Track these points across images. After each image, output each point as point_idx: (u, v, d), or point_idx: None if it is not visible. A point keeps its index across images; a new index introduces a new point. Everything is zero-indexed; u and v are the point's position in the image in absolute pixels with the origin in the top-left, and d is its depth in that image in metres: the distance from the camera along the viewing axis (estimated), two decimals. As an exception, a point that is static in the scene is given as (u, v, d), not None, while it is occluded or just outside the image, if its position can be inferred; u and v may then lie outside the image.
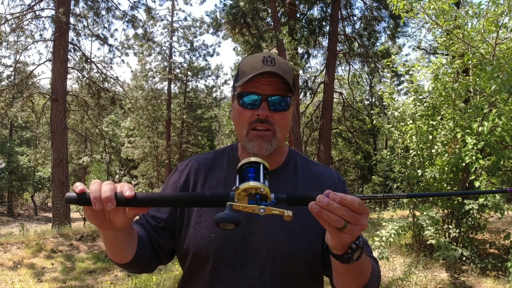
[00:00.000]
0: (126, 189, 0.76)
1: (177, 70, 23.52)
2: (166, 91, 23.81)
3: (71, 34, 12.68)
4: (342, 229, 0.70)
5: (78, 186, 0.76)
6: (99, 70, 13.88)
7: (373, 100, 21.42)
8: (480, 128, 4.31)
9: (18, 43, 12.92)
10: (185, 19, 29.80)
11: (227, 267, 0.99)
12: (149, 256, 1.03)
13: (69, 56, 12.17)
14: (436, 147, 5.28)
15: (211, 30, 13.75)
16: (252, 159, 0.77)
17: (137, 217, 1.10)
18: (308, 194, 0.72)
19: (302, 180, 1.08)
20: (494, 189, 4.13)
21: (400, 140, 5.75)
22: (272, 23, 12.59)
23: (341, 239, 0.73)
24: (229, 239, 0.99)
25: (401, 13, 4.88)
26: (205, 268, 1.01)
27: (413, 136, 5.40)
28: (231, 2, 12.51)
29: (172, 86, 24.17)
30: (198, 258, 1.02)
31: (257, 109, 0.98)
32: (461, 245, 5.04)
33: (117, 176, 27.52)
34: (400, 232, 4.96)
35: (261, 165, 0.76)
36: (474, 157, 4.22)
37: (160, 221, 1.06)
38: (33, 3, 12.58)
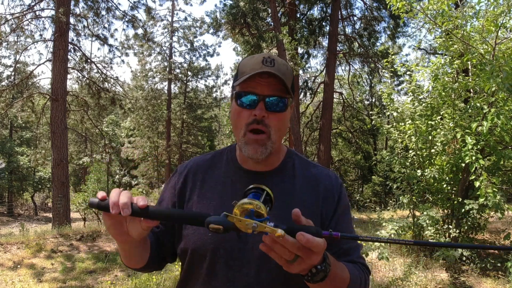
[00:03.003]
0: (140, 200, 0.81)
1: (177, 70, 23.52)
2: (166, 91, 23.80)
3: (71, 34, 12.69)
4: (292, 262, 0.74)
5: (101, 193, 0.82)
6: (99, 70, 13.88)
7: (373, 100, 21.41)
8: (480, 128, 4.31)
9: (18, 43, 12.92)
10: (185, 19, 29.77)
11: (223, 265, 1.01)
12: (159, 259, 1.11)
13: (69, 56, 12.16)
14: (435, 147, 5.28)
15: (211, 30, 13.73)
16: (261, 186, 0.82)
17: None
18: (305, 227, 0.74)
19: (299, 182, 1.08)
20: (494, 189, 4.12)
21: (399, 140, 5.75)
22: (272, 23, 12.58)
23: (289, 269, 0.76)
24: (225, 238, 1.01)
25: (400, 13, 4.88)
26: (203, 267, 1.03)
27: (412, 136, 5.40)
28: (231, 2, 12.51)
29: (172, 86, 24.16)
30: (196, 257, 1.04)
31: (254, 109, 0.98)
32: (461, 245, 5.03)
33: (117, 176, 27.54)
34: (400, 232, 4.96)
35: (265, 192, 0.81)
36: (474, 157, 4.22)
37: (159, 225, 1.12)
38: (33, 3, 12.59)
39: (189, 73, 23.78)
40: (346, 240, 1.02)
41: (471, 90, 5.21)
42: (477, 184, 4.20)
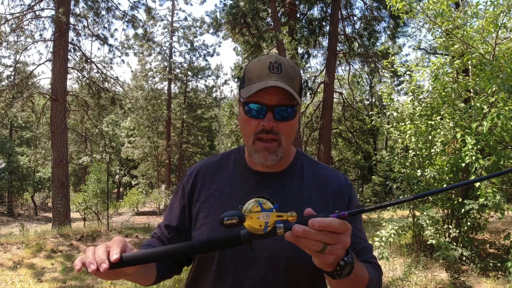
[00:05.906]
0: (112, 253, 0.77)
1: (177, 70, 23.52)
2: (166, 91, 23.81)
3: (71, 34, 12.70)
4: (322, 251, 0.71)
5: (77, 265, 0.79)
6: (99, 70, 13.89)
7: (373, 100, 21.41)
8: (480, 128, 4.31)
9: (18, 43, 12.93)
10: (185, 19, 29.72)
11: (230, 268, 1.01)
12: (170, 267, 1.09)
13: (69, 56, 12.17)
14: (435, 147, 5.28)
15: (211, 30, 13.74)
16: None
17: (154, 231, 1.16)
18: (312, 215, 0.73)
19: (307, 183, 1.08)
20: (494, 189, 4.12)
21: (399, 140, 5.75)
22: (272, 23, 12.58)
23: (323, 260, 0.73)
24: None
25: (400, 14, 4.88)
26: (211, 269, 1.04)
27: (412, 136, 5.39)
28: (231, 2, 12.51)
29: (172, 86, 24.17)
30: (204, 259, 1.05)
31: (262, 119, 0.97)
32: (461, 245, 5.04)
33: (117, 176, 27.53)
34: (400, 232, 4.96)
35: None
36: (474, 157, 4.21)
37: (171, 230, 1.11)
38: (33, 3, 12.59)
39: (189, 73, 23.78)
40: (359, 240, 1.03)
41: (471, 90, 5.21)
42: (477, 184, 4.20)
